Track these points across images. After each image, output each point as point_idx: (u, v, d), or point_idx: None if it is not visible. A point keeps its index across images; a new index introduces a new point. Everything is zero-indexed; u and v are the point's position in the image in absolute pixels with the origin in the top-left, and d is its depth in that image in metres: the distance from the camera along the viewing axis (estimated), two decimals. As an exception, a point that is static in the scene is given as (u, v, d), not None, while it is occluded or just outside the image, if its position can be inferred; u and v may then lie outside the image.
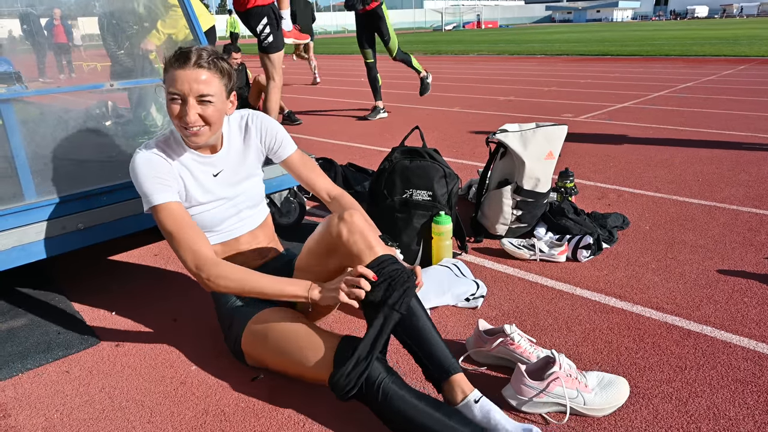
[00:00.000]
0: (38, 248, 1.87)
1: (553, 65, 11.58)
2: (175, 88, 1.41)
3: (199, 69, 1.41)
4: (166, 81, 1.43)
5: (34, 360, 1.66)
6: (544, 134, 2.39)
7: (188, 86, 1.41)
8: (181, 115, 1.42)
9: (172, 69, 1.42)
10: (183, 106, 1.42)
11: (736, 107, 5.69)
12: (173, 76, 1.41)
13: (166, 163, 1.51)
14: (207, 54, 1.43)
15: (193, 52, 1.41)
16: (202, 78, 1.41)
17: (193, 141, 1.49)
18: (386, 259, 1.36)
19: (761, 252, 2.25)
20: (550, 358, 1.43)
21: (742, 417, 1.33)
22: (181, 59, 1.40)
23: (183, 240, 1.45)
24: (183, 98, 1.42)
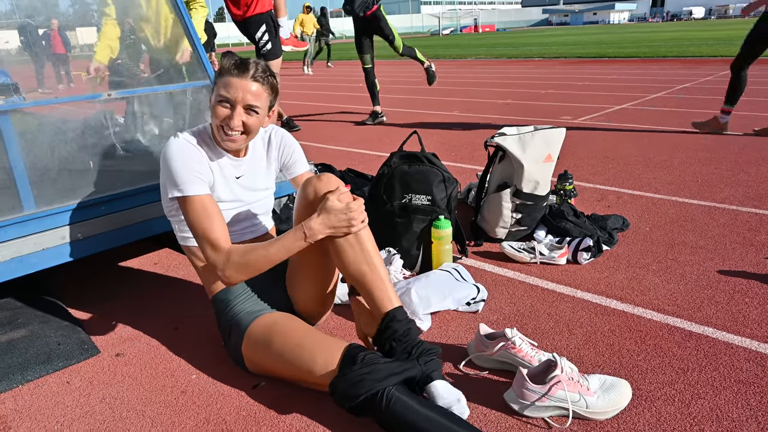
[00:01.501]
0: (37, 259, 1.87)
1: (551, 68, 11.60)
2: (228, 93, 1.48)
3: (254, 81, 1.50)
4: (219, 84, 1.49)
5: (34, 371, 1.66)
6: (543, 137, 2.39)
7: (241, 95, 1.48)
8: (227, 119, 1.49)
9: (228, 75, 1.48)
10: (231, 111, 1.49)
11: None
12: (228, 81, 1.48)
13: (200, 155, 1.55)
14: (262, 69, 1.52)
15: (252, 64, 1.50)
16: (254, 89, 1.50)
17: (228, 145, 1.55)
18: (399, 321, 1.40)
19: (761, 252, 2.24)
20: (551, 362, 1.42)
21: (745, 418, 1.33)
22: (240, 68, 1.48)
23: (206, 233, 1.47)
24: (232, 104, 1.49)
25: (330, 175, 1.50)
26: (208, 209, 1.49)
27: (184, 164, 1.49)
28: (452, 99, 7.58)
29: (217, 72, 1.53)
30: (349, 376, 1.27)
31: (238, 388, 1.54)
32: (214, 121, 1.52)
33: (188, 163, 1.50)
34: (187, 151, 1.52)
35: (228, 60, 1.51)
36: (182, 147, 1.52)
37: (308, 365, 1.37)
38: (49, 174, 2.02)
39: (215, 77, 1.53)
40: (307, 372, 1.37)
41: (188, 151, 1.52)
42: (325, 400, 1.46)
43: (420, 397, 1.27)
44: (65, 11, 2.53)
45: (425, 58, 5.73)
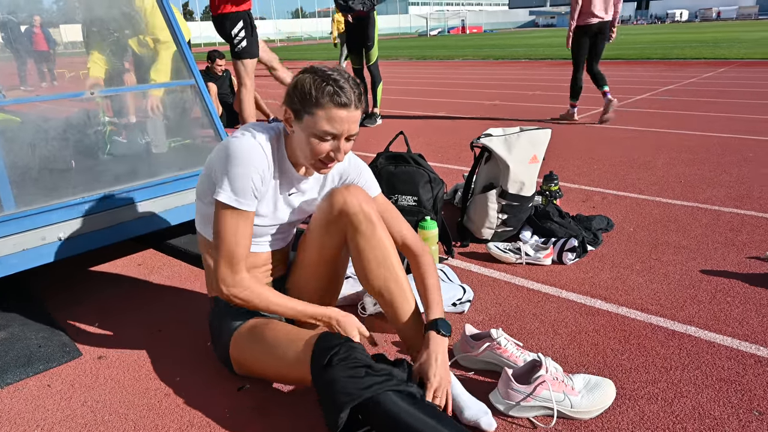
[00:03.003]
0: (17, 260, 1.84)
1: (537, 69, 11.68)
2: (335, 129, 1.30)
3: (357, 110, 1.32)
4: (318, 116, 1.28)
5: (14, 374, 1.63)
6: (528, 138, 2.40)
7: (347, 127, 1.31)
8: (329, 154, 1.34)
9: (330, 106, 1.27)
10: (336, 143, 1.33)
11: (717, 109, 5.78)
12: (332, 115, 1.28)
13: (267, 166, 1.39)
14: (357, 88, 1.32)
15: (350, 90, 1.29)
16: (355, 117, 1.32)
17: (322, 173, 1.41)
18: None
19: (743, 252, 2.28)
20: (536, 362, 1.43)
21: (727, 416, 1.34)
22: (342, 97, 1.27)
23: (229, 248, 1.38)
24: (335, 137, 1.32)
25: (366, 197, 1.40)
26: (243, 228, 1.39)
27: (246, 175, 1.34)
28: (439, 100, 7.60)
29: (305, 97, 1.29)
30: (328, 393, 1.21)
31: (222, 391, 1.52)
32: (308, 154, 1.34)
33: (251, 175, 1.34)
34: (256, 159, 1.35)
35: (320, 84, 1.27)
36: (254, 152, 1.35)
37: (286, 356, 1.34)
38: (30, 173, 1.99)
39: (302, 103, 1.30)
40: (286, 364, 1.34)
41: (257, 159, 1.35)
42: (312, 403, 1.45)
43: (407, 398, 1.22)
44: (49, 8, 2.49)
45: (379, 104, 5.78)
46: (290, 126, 1.37)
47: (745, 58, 11.62)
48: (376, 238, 1.41)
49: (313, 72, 1.31)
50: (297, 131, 1.35)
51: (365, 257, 1.42)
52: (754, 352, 1.60)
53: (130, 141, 2.45)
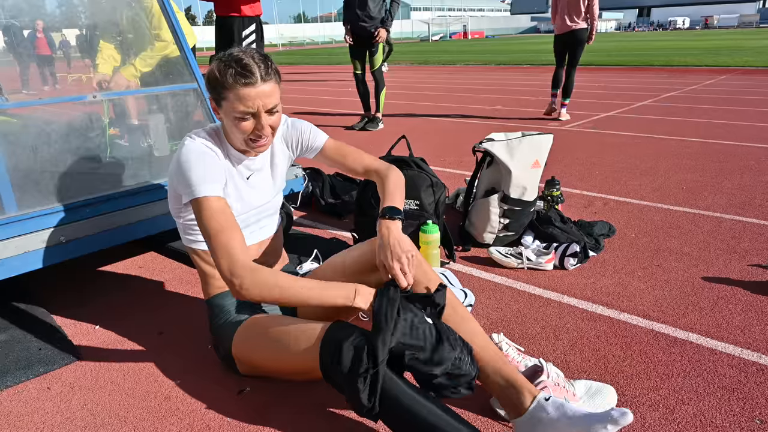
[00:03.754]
0: (19, 262, 1.84)
1: (539, 75, 11.70)
2: (246, 107, 1.34)
3: (266, 83, 1.35)
4: (231, 99, 1.34)
5: (14, 377, 1.63)
6: (530, 143, 2.40)
7: (260, 102, 1.35)
8: (256, 130, 1.39)
9: (238, 87, 1.33)
10: (256, 122, 1.38)
11: (718, 116, 5.78)
12: (241, 94, 1.33)
13: (216, 157, 1.45)
14: (264, 62, 1.36)
15: (254, 64, 1.33)
16: (268, 90, 1.36)
17: (260, 151, 1.47)
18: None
19: (745, 259, 2.27)
20: (537, 367, 1.43)
21: (729, 424, 1.34)
22: (246, 76, 1.32)
23: (221, 241, 1.34)
24: (255, 114, 1.37)
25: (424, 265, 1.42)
26: (227, 213, 1.38)
27: (196, 165, 1.39)
28: (441, 104, 7.61)
29: (215, 84, 1.36)
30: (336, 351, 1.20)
31: (223, 394, 1.52)
32: (238, 136, 1.41)
33: (201, 163, 1.39)
34: (202, 152, 1.42)
35: (224, 68, 1.33)
36: (196, 147, 1.42)
37: (295, 349, 1.30)
38: (32, 176, 1.99)
39: (215, 91, 1.37)
40: (295, 356, 1.31)
41: (203, 152, 1.42)
42: (313, 406, 1.45)
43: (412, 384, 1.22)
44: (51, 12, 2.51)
45: (382, 109, 5.83)
46: (218, 114, 1.43)
47: (747, 66, 11.64)
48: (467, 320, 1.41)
49: (219, 58, 1.36)
50: (222, 117, 1.42)
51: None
52: (756, 360, 1.59)
53: (132, 144, 2.45)
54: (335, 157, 1.66)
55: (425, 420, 1.15)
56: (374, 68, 5.55)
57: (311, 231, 2.80)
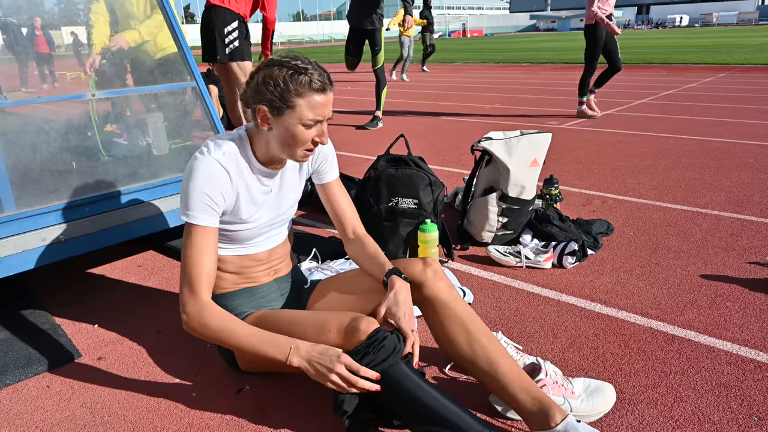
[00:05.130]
0: (17, 261, 1.84)
1: (538, 73, 11.70)
2: (316, 115, 1.32)
3: (331, 92, 1.35)
4: (301, 106, 1.30)
5: (13, 375, 1.63)
6: (529, 142, 2.40)
7: (328, 110, 1.35)
8: (318, 138, 1.36)
9: (312, 94, 1.30)
10: (320, 127, 1.36)
11: (717, 114, 5.79)
12: (314, 102, 1.30)
13: (227, 179, 1.38)
14: (325, 70, 1.34)
15: (323, 74, 1.32)
16: (332, 99, 1.36)
17: (305, 160, 1.42)
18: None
19: (743, 257, 2.28)
20: (536, 365, 1.43)
21: (726, 421, 1.34)
22: (319, 83, 1.30)
23: (192, 270, 1.34)
24: (319, 122, 1.35)
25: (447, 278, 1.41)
26: (204, 246, 1.36)
27: (200, 190, 1.34)
28: (440, 103, 7.61)
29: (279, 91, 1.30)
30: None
31: (222, 393, 1.52)
32: (295, 146, 1.35)
33: (206, 190, 1.34)
34: (212, 175, 1.35)
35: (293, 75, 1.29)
36: (207, 170, 1.35)
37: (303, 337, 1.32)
38: (31, 174, 1.99)
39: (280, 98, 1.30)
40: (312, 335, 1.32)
41: (213, 175, 1.35)
42: (311, 404, 1.45)
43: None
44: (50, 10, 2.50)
45: (382, 108, 5.82)
46: (268, 124, 1.35)
47: (745, 63, 11.64)
48: (476, 325, 1.40)
49: (278, 65, 1.31)
50: (276, 126, 1.35)
51: (459, 339, 1.39)
52: (753, 357, 1.60)
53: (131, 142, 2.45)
54: (333, 198, 1.62)
55: (427, 405, 1.18)
56: (376, 67, 5.55)
57: (310, 230, 2.80)
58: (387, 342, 1.24)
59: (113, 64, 2.55)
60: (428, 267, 1.45)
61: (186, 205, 1.35)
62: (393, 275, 1.41)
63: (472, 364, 1.35)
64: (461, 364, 1.38)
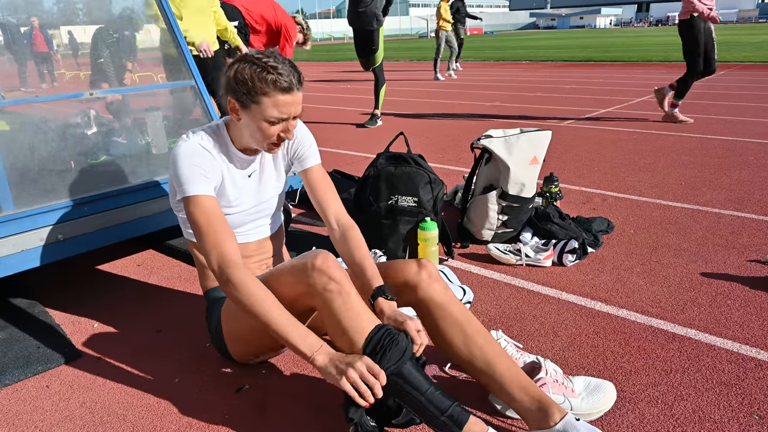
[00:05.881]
0: (16, 261, 1.84)
1: (538, 71, 11.69)
2: (282, 113, 1.36)
3: (299, 91, 1.38)
4: (265, 104, 1.35)
5: (12, 375, 1.62)
6: (528, 140, 2.40)
7: (293, 110, 1.38)
8: (280, 135, 1.41)
9: (276, 93, 1.34)
10: (285, 125, 1.40)
11: (717, 112, 5.78)
12: (278, 101, 1.34)
13: (210, 156, 1.45)
14: (296, 70, 1.37)
15: (290, 72, 1.34)
16: (300, 98, 1.39)
17: (274, 152, 1.48)
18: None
19: (743, 255, 2.27)
20: (536, 364, 1.43)
21: (727, 420, 1.34)
22: (285, 83, 1.33)
23: (212, 236, 1.36)
24: (283, 120, 1.39)
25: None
26: (217, 211, 1.40)
27: (187, 164, 1.40)
28: (439, 101, 7.60)
29: (246, 87, 1.34)
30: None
31: (221, 392, 1.52)
32: (259, 138, 1.42)
33: (192, 162, 1.41)
34: (194, 151, 1.42)
35: (260, 73, 1.32)
36: (189, 147, 1.43)
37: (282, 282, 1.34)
38: (29, 174, 1.99)
39: (246, 94, 1.35)
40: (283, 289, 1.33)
41: (196, 151, 1.43)
42: (312, 402, 1.45)
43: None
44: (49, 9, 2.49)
45: (381, 107, 5.83)
46: (237, 115, 1.42)
47: (745, 61, 11.62)
48: (472, 325, 1.39)
49: (250, 61, 1.35)
50: (245, 119, 1.41)
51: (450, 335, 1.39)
52: (754, 355, 1.59)
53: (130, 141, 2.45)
54: (314, 184, 1.62)
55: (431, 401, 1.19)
56: (375, 65, 5.54)
57: (309, 228, 2.79)
58: (400, 341, 1.23)
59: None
60: (423, 269, 1.44)
61: (181, 182, 1.41)
62: (379, 298, 1.38)
63: (470, 364, 1.35)
64: (459, 365, 1.38)
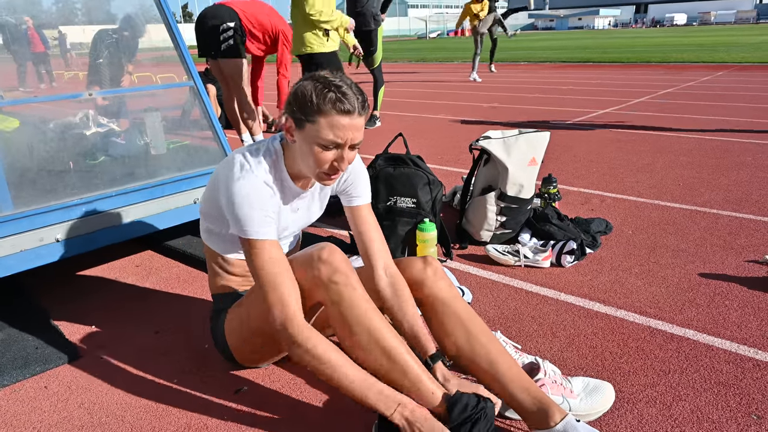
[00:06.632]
0: (15, 261, 1.83)
1: (536, 72, 11.70)
2: (338, 137, 1.24)
3: (361, 116, 1.26)
4: (321, 124, 1.23)
5: (10, 376, 1.62)
6: (527, 141, 2.40)
7: (351, 135, 1.25)
8: (333, 164, 1.28)
9: (334, 113, 1.22)
10: (339, 152, 1.27)
11: (715, 112, 5.79)
12: (335, 122, 1.22)
13: (273, 196, 1.34)
14: (361, 95, 1.26)
15: (353, 95, 1.23)
16: (360, 124, 1.26)
17: (327, 184, 1.35)
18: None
19: (741, 255, 2.28)
20: (534, 365, 1.43)
21: (726, 420, 1.34)
22: (345, 104, 1.22)
23: (277, 291, 1.26)
24: (339, 146, 1.26)
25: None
26: (282, 258, 1.30)
27: (252, 207, 1.28)
28: (438, 102, 7.60)
29: (305, 104, 1.24)
30: None
31: (220, 393, 1.52)
32: (311, 165, 1.29)
33: (257, 205, 1.29)
34: (260, 192, 1.30)
35: (322, 90, 1.22)
36: (255, 187, 1.30)
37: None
38: (28, 174, 1.99)
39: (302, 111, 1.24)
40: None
41: (261, 192, 1.31)
42: (311, 404, 1.45)
43: None
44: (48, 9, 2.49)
45: (380, 107, 5.84)
46: (291, 135, 1.31)
47: (743, 62, 11.65)
48: (476, 324, 1.39)
49: (314, 79, 1.25)
50: (299, 141, 1.30)
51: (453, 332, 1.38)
52: (752, 355, 1.60)
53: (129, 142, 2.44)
54: (361, 226, 1.50)
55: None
56: (373, 66, 5.55)
57: (308, 230, 2.79)
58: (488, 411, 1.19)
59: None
60: (428, 266, 1.44)
61: (244, 223, 1.29)
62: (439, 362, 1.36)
63: (472, 363, 1.35)
64: (461, 363, 1.38)
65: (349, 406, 1.42)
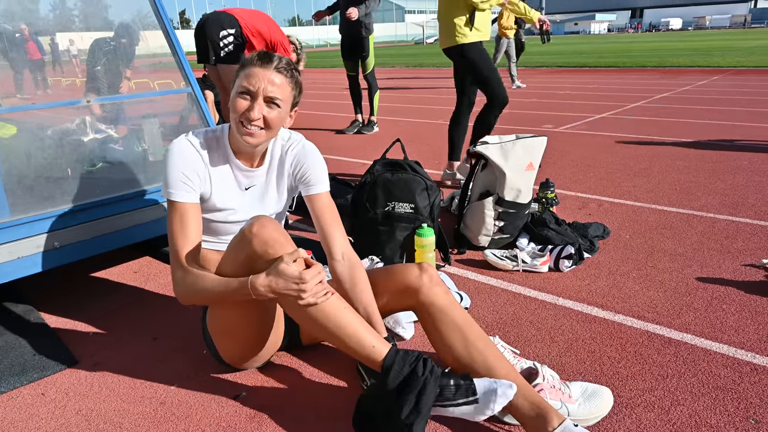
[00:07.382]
0: (12, 268, 1.83)
1: (533, 77, 11.74)
2: (250, 84, 1.41)
3: (278, 73, 1.42)
4: (241, 76, 1.43)
5: (8, 383, 1.62)
6: (524, 146, 2.41)
7: (263, 85, 1.41)
8: (247, 111, 1.42)
9: (251, 66, 1.42)
10: (251, 103, 1.42)
11: (711, 117, 5.82)
12: (251, 72, 1.41)
13: (200, 162, 1.49)
14: (287, 62, 1.46)
15: (276, 56, 1.44)
16: (276, 81, 1.42)
17: (247, 140, 1.44)
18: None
19: (738, 259, 2.28)
20: (533, 370, 1.43)
21: (724, 424, 1.34)
22: (263, 59, 1.42)
23: (175, 245, 1.43)
24: (253, 96, 1.41)
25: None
26: (185, 219, 1.44)
27: (174, 168, 1.45)
28: (435, 107, 7.62)
29: (240, 65, 1.46)
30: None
31: (218, 399, 1.52)
32: (233, 116, 1.44)
33: (180, 168, 1.45)
34: (185, 155, 1.47)
35: (254, 54, 1.44)
36: (181, 149, 1.47)
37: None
38: (26, 181, 1.99)
39: (237, 70, 1.46)
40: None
41: (187, 155, 1.47)
42: (308, 409, 1.45)
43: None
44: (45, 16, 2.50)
45: (376, 113, 5.83)
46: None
47: (739, 66, 11.72)
48: (473, 330, 1.40)
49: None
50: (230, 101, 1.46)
51: (449, 337, 1.40)
52: (750, 360, 1.60)
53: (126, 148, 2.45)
54: (319, 213, 1.56)
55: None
56: (366, 72, 5.56)
57: (306, 235, 2.79)
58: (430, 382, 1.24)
59: None
60: (424, 273, 1.45)
61: (165, 183, 1.46)
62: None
63: (470, 369, 1.35)
64: (458, 369, 1.38)
65: (349, 412, 1.42)
